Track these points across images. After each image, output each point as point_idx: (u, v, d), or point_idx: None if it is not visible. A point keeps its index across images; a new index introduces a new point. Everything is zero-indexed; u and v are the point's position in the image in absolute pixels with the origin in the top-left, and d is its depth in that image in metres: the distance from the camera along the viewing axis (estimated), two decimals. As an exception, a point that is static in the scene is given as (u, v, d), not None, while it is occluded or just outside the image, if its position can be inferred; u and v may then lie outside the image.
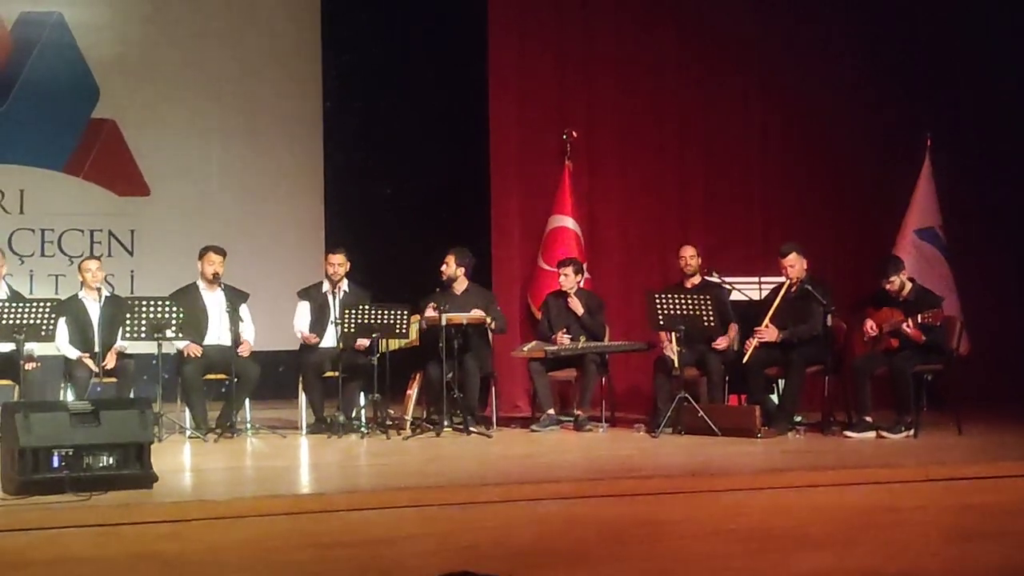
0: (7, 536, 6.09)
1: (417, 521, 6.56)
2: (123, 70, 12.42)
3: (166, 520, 6.29)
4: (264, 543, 6.31)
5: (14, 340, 8.92)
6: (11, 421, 6.70)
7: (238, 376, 9.54)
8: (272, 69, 12.89)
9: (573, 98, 11.68)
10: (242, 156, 12.83)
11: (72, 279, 10.47)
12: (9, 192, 12.11)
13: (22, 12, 12.16)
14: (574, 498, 7.03)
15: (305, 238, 12.65)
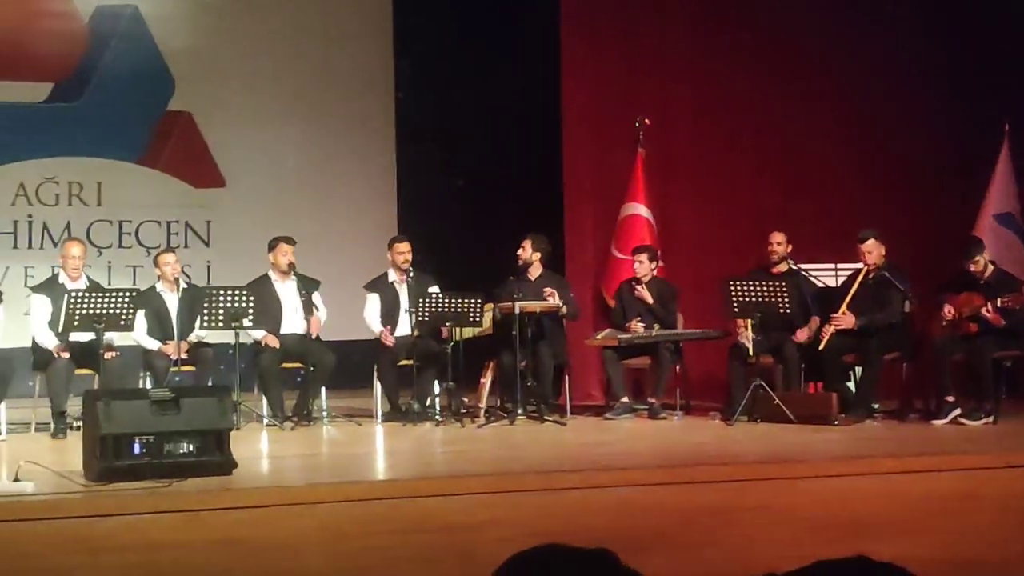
0: (89, 522, 6.18)
1: (493, 508, 6.57)
2: (198, 62, 12.54)
3: (245, 506, 6.36)
4: (341, 529, 6.35)
5: (94, 330, 9.05)
6: (93, 409, 6.80)
7: (314, 365, 9.63)
8: (345, 60, 12.96)
9: (645, 86, 11.62)
10: (315, 147, 12.90)
11: (149, 270, 10.58)
12: (87, 184, 12.26)
13: (98, 5, 12.29)
14: (650, 485, 7.03)
15: (377, 229, 12.67)
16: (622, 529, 6.60)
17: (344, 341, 10.63)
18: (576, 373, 10.64)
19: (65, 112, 12.18)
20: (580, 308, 10.50)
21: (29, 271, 11.88)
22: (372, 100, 13.08)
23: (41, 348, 9.34)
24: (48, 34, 12.13)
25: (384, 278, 10.18)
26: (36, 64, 12.07)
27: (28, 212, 12.09)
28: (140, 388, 9.11)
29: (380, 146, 13.09)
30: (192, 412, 6.92)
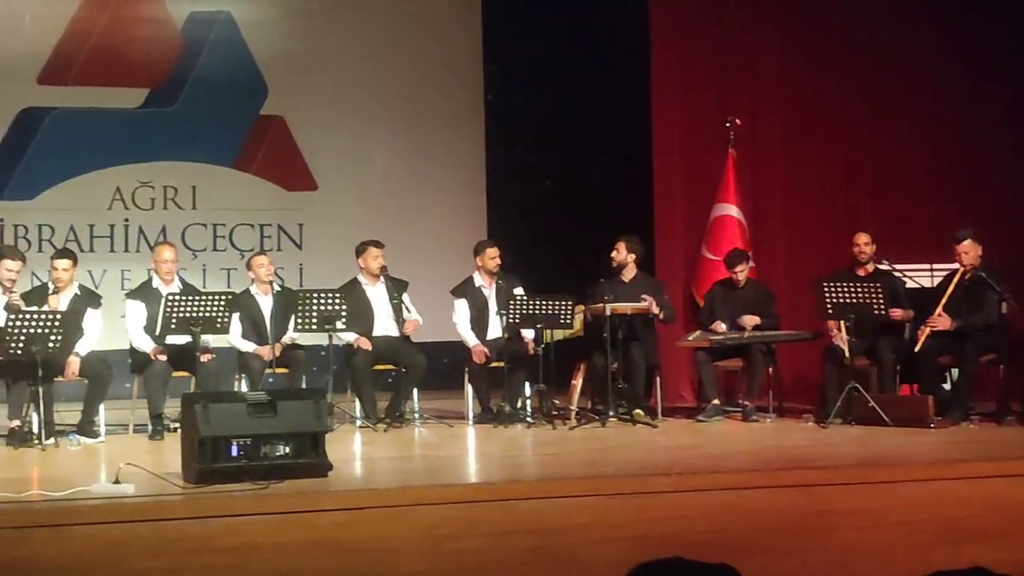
0: (188, 524, 6.26)
1: (588, 510, 6.56)
2: (290, 67, 12.67)
3: (342, 508, 6.40)
4: (437, 531, 6.38)
5: (191, 333, 9.17)
6: (191, 412, 6.88)
7: (406, 367, 9.69)
8: (434, 63, 13.02)
9: (736, 86, 11.55)
10: (405, 150, 12.98)
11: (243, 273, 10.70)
12: (182, 188, 12.44)
13: (192, 12, 12.47)
14: (743, 489, 6.98)
15: (467, 231, 12.71)
16: (715, 533, 6.58)
17: (435, 343, 10.68)
18: (667, 375, 10.60)
19: (160, 117, 12.37)
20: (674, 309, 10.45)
21: (125, 274, 12.08)
22: (462, 103, 13.13)
23: (138, 351, 9.49)
24: (143, 41, 12.32)
25: (471, 282, 10.22)
26: (132, 70, 12.27)
27: (124, 216, 12.29)
28: (237, 391, 9.21)
29: (470, 148, 13.15)
30: (288, 415, 6.99)
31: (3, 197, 11.98)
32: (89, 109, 12.18)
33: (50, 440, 8.65)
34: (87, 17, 12.13)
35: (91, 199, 12.20)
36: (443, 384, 10.82)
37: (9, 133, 11.97)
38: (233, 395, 8.09)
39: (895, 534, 6.76)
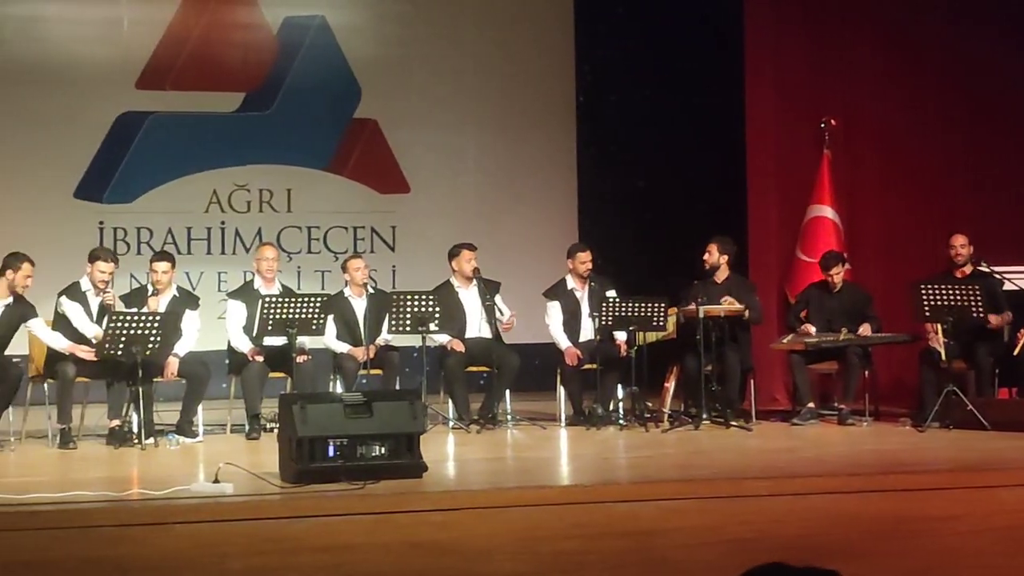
0: (286, 523, 6.34)
1: (683, 514, 6.54)
2: (383, 70, 12.76)
3: (437, 509, 6.44)
4: (531, 533, 6.40)
5: (287, 334, 9.28)
6: (289, 412, 6.97)
7: (499, 368, 9.72)
8: (526, 65, 13.04)
9: (831, 86, 11.44)
10: (497, 152, 13.03)
11: (337, 275, 10.81)
12: (277, 192, 12.57)
13: (287, 16, 12.59)
14: (841, 493, 6.92)
15: (559, 232, 12.74)
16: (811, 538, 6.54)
17: (527, 344, 10.70)
18: (761, 377, 10.52)
19: (256, 121, 12.51)
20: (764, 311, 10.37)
21: (222, 276, 12.24)
22: (553, 104, 13.14)
23: (236, 351, 9.61)
24: (239, 45, 12.47)
25: (563, 285, 10.22)
26: (228, 75, 12.43)
27: (221, 219, 12.45)
28: (333, 392, 9.31)
29: (561, 149, 13.15)
30: (384, 416, 7.05)
31: (103, 200, 12.17)
32: (186, 113, 12.35)
33: (150, 440, 8.81)
34: (184, 22, 12.30)
35: (188, 202, 12.36)
36: (535, 386, 10.83)
37: (108, 138, 12.16)
38: (330, 396, 8.19)
39: (995, 540, 6.67)
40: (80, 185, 12.09)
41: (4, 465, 8.18)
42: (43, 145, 11.95)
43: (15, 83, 11.89)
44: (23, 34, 12.02)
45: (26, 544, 6.05)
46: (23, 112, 11.91)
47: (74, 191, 12.08)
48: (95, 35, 12.16)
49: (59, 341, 9.03)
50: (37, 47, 12.02)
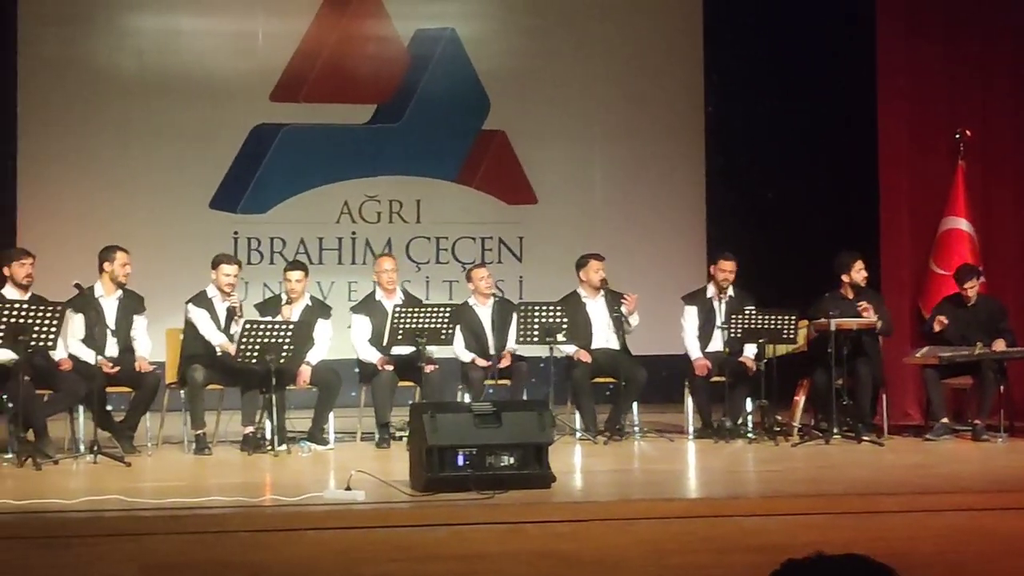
0: (416, 531, 6.42)
1: (813, 529, 6.47)
2: (512, 82, 12.84)
3: (565, 520, 6.48)
4: (659, 545, 6.38)
5: (416, 344, 9.36)
6: (419, 421, 7.05)
7: (626, 380, 9.70)
8: (654, 75, 13.03)
9: (966, 96, 11.21)
10: (624, 162, 13.03)
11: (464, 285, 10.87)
12: (407, 202, 12.70)
13: (418, 29, 12.74)
14: (976, 510, 6.82)
15: (687, 242, 12.73)
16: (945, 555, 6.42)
17: (655, 356, 10.67)
18: (893, 392, 10.36)
19: (386, 133, 12.66)
20: (895, 325, 10.21)
21: (352, 286, 12.40)
22: (681, 114, 13.11)
23: (366, 361, 9.72)
24: (371, 58, 12.64)
25: (702, 292, 10.17)
26: (360, 87, 12.61)
27: (352, 229, 12.62)
28: (463, 402, 9.37)
29: (689, 159, 13.11)
30: (513, 426, 7.10)
31: (237, 210, 12.41)
32: (319, 125, 12.54)
33: (282, 446, 8.96)
34: (318, 35, 12.51)
35: (320, 212, 12.55)
36: (663, 397, 10.80)
37: (243, 149, 12.40)
38: (460, 405, 8.25)
39: None
40: (215, 196, 12.35)
41: (141, 470, 8.37)
42: (180, 156, 12.23)
43: (154, 96, 12.18)
44: (161, 48, 12.32)
45: (163, 547, 6.21)
46: (161, 124, 12.19)
47: (210, 201, 12.34)
48: (231, 48, 12.41)
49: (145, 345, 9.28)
50: (175, 60, 12.31)
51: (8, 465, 8.33)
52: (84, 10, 12.14)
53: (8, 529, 6.30)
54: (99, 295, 9.17)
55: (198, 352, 9.31)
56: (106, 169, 12.11)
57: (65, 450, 8.89)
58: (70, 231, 11.70)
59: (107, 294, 9.21)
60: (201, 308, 9.38)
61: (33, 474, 8.02)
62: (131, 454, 8.77)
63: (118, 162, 12.14)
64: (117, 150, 12.14)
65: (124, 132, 12.16)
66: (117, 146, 12.14)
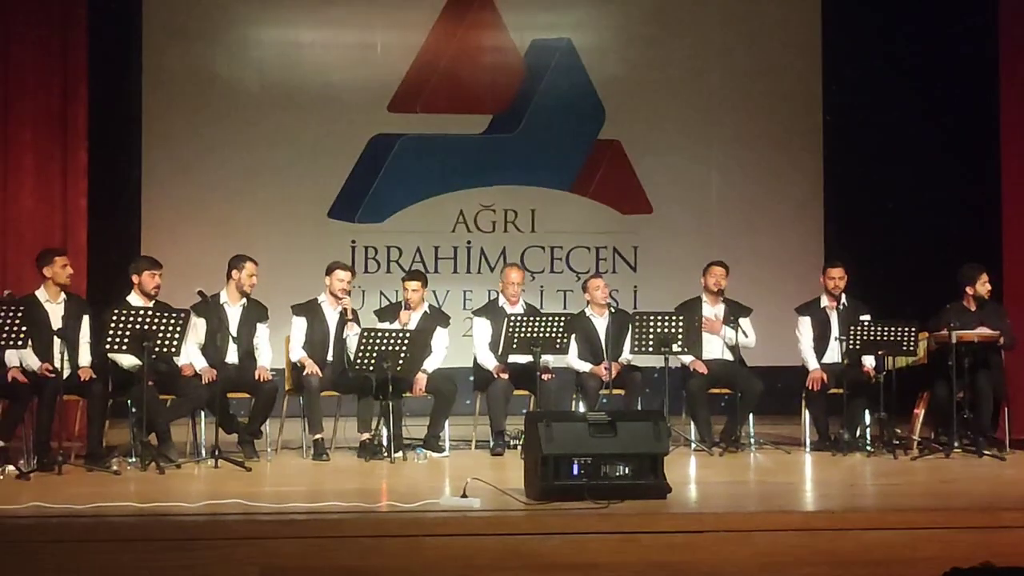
0: (531, 539, 6.43)
1: (933, 543, 6.38)
2: (628, 91, 12.84)
3: (680, 530, 6.44)
4: (776, 558, 6.34)
5: (531, 352, 9.39)
6: (534, 430, 7.07)
7: (741, 391, 9.65)
8: (771, 85, 12.95)
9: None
10: (740, 172, 12.96)
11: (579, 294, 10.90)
12: (522, 212, 12.77)
13: (534, 39, 12.80)
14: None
15: (804, 253, 12.61)
16: (1070, 572, 6.29)
17: (771, 367, 10.60)
18: (1015, 406, 10.14)
19: (502, 143, 12.75)
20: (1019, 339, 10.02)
21: (467, 295, 12.50)
22: (799, 123, 13.02)
23: (482, 369, 9.79)
24: (487, 68, 12.73)
25: (816, 302, 10.07)
26: (476, 97, 12.70)
27: (467, 239, 12.71)
28: (577, 411, 9.39)
29: (806, 170, 13.01)
30: (628, 435, 7.09)
31: (355, 220, 12.57)
32: (435, 135, 12.66)
33: (398, 453, 9.04)
34: (435, 47, 12.62)
35: (436, 222, 12.67)
36: (779, 409, 10.69)
37: (361, 159, 12.56)
38: (575, 415, 8.26)
39: None
40: (334, 205, 12.52)
41: (261, 475, 8.50)
42: (300, 167, 12.43)
43: (274, 107, 12.40)
44: (282, 60, 12.53)
45: (283, 551, 6.30)
46: (281, 135, 12.40)
47: (328, 211, 12.50)
48: (350, 60, 12.58)
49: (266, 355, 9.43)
50: (295, 73, 12.52)
51: (132, 469, 8.51)
52: (207, 24, 12.38)
53: (131, 531, 6.43)
54: (224, 302, 9.35)
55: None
56: (227, 179, 12.34)
57: (187, 454, 9.09)
58: (192, 240, 11.95)
59: (232, 302, 9.38)
60: (301, 317, 9.55)
61: (156, 477, 8.20)
62: (252, 459, 8.92)
63: (239, 173, 12.37)
64: (238, 161, 12.37)
65: (245, 143, 12.38)
66: (238, 157, 12.37)
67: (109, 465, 8.45)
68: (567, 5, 12.92)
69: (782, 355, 10.56)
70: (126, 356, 8.82)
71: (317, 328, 9.55)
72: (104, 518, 6.61)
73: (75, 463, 8.56)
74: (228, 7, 12.46)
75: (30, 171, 10.65)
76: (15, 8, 10.65)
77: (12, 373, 8.53)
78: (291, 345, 9.56)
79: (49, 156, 10.70)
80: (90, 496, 7.04)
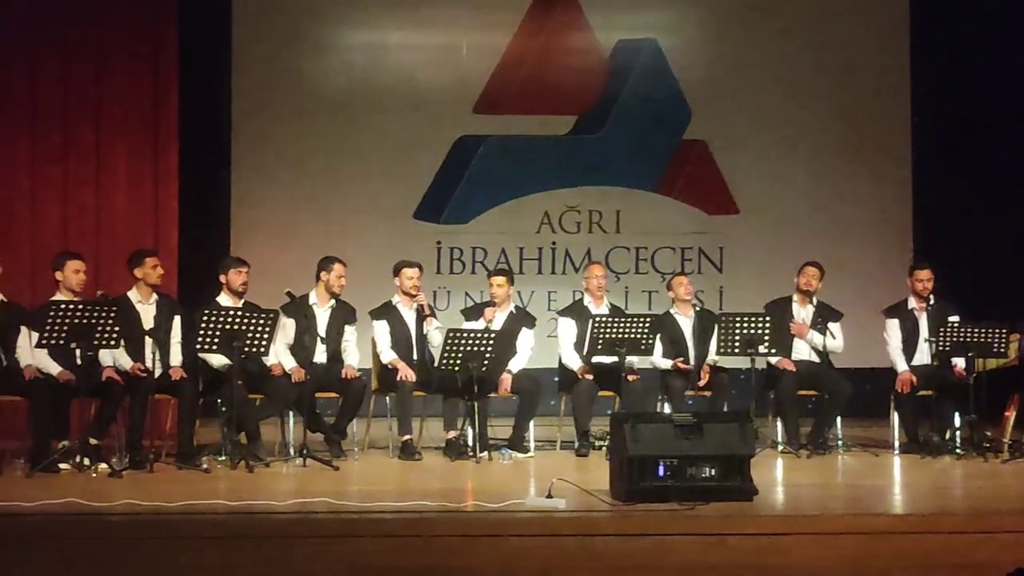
0: (616, 540, 6.45)
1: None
2: (714, 92, 12.77)
3: (767, 532, 6.42)
4: (864, 562, 6.31)
5: (616, 353, 9.39)
6: (620, 431, 7.08)
7: (829, 393, 9.57)
8: (859, 86, 12.82)
9: None
10: (829, 172, 12.84)
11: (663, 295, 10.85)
12: (607, 212, 12.75)
13: (619, 40, 12.77)
14: None
15: (893, 255, 12.46)
16: None
17: (859, 369, 10.51)
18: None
19: (587, 143, 12.74)
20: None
21: (552, 296, 12.51)
22: (887, 124, 12.87)
23: (567, 369, 9.80)
24: (573, 69, 12.72)
25: (903, 304, 9.97)
26: (561, 98, 12.70)
27: (552, 240, 12.71)
28: (663, 412, 9.37)
29: (895, 170, 12.86)
30: (714, 437, 7.08)
31: (440, 221, 12.63)
32: (520, 136, 12.68)
33: (484, 453, 9.08)
34: (520, 48, 12.64)
35: (521, 223, 12.69)
36: (867, 411, 10.59)
37: (447, 160, 12.61)
38: (660, 416, 8.25)
39: None
40: (419, 206, 12.59)
41: (348, 474, 8.58)
42: (386, 168, 12.51)
43: (361, 109, 12.49)
44: (369, 62, 12.61)
45: (370, 550, 6.37)
46: (368, 137, 12.49)
47: (414, 212, 12.57)
48: (436, 62, 12.63)
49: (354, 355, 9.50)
50: (382, 74, 12.60)
51: (222, 467, 8.63)
52: (295, 28, 12.50)
53: (221, 529, 6.53)
54: (312, 303, 9.45)
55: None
56: (315, 180, 12.45)
57: (275, 453, 9.19)
58: (280, 241, 12.08)
59: (321, 303, 9.48)
60: (382, 320, 9.62)
61: (245, 476, 8.31)
62: (339, 458, 9.00)
63: (326, 173, 12.47)
64: (325, 162, 12.47)
65: (332, 144, 12.48)
66: (325, 158, 12.47)
67: (199, 463, 8.58)
68: (653, 5, 12.87)
69: (870, 357, 10.47)
70: (216, 356, 8.94)
71: (398, 329, 9.62)
72: (194, 516, 6.72)
73: (166, 461, 8.71)
74: (315, 9, 12.57)
75: (123, 173, 10.86)
76: (107, 14, 10.84)
77: (106, 373, 8.68)
78: (380, 349, 9.61)
79: (141, 159, 10.89)
80: (181, 494, 7.16)
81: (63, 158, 10.76)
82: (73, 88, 10.79)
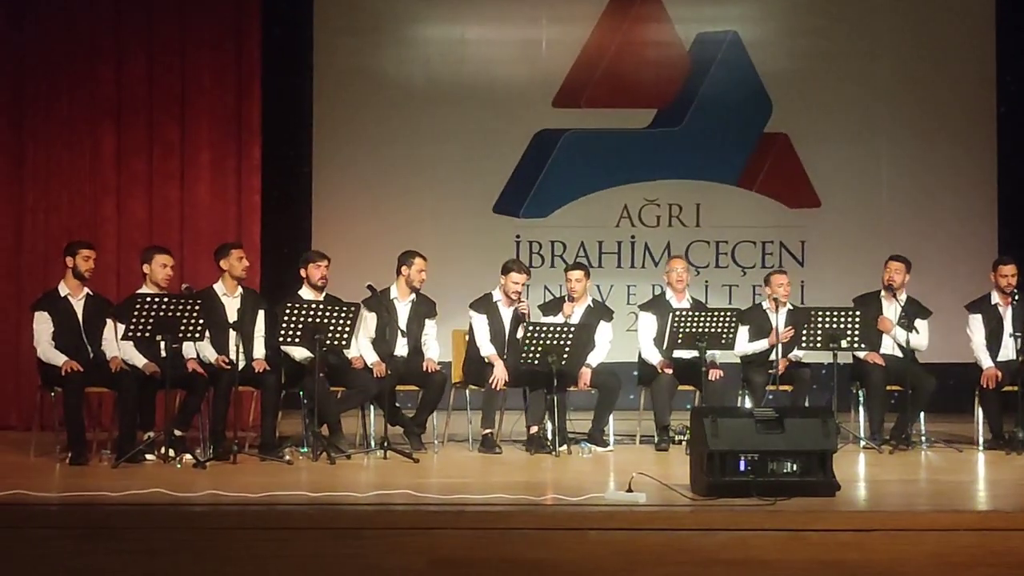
0: (696, 535, 6.43)
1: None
2: (795, 84, 12.67)
3: (849, 529, 6.37)
4: (948, 559, 6.24)
5: (696, 348, 9.36)
6: (700, 425, 7.06)
7: (913, 388, 9.46)
8: (942, 74, 12.65)
9: None
10: (912, 165, 12.69)
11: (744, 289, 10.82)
12: (686, 206, 12.69)
13: (699, 33, 12.70)
14: None
15: (978, 247, 12.29)
16: None
17: (943, 364, 10.38)
18: None
19: (667, 137, 12.68)
20: None
21: (631, 289, 12.49)
22: (971, 116, 12.68)
23: (646, 363, 9.77)
24: (652, 63, 12.68)
25: (987, 299, 9.84)
26: (641, 92, 12.65)
27: (631, 233, 12.68)
28: (743, 407, 9.32)
29: (979, 162, 12.68)
30: (795, 432, 7.04)
31: (519, 215, 12.64)
32: (600, 130, 12.65)
33: (563, 447, 9.08)
34: (599, 42, 12.62)
35: (600, 217, 12.66)
36: (951, 407, 10.48)
37: (526, 154, 12.61)
38: (741, 411, 8.21)
39: None
40: (499, 200, 12.60)
41: (429, 466, 8.63)
42: (465, 162, 12.54)
43: (440, 103, 12.52)
44: (448, 56, 12.65)
45: (450, 542, 6.40)
46: (447, 131, 12.52)
47: (493, 206, 12.60)
48: (515, 56, 12.64)
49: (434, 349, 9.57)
50: (460, 68, 12.63)
51: (303, 459, 8.71)
52: (374, 22, 12.57)
53: (304, 520, 6.60)
54: (393, 297, 9.50)
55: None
56: (394, 175, 12.51)
57: (356, 445, 9.26)
58: (361, 235, 12.16)
59: (401, 297, 9.54)
60: (481, 314, 9.62)
61: (327, 468, 8.38)
62: (419, 451, 9.05)
63: (406, 168, 12.53)
64: (405, 156, 12.52)
65: (411, 139, 12.53)
66: (405, 152, 12.52)
67: (282, 455, 8.67)
68: (733, -2, 12.84)
69: (954, 352, 10.34)
70: (298, 348, 9.02)
71: (494, 325, 9.64)
72: (277, 507, 6.81)
73: (249, 452, 8.81)
74: (395, 5, 12.62)
75: (206, 167, 10.98)
76: (191, 10, 10.97)
77: (190, 365, 8.80)
78: (480, 342, 9.60)
79: (224, 153, 11.01)
80: (263, 485, 7.24)
81: (148, 153, 10.91)
82: (158, 84, 10.93)
